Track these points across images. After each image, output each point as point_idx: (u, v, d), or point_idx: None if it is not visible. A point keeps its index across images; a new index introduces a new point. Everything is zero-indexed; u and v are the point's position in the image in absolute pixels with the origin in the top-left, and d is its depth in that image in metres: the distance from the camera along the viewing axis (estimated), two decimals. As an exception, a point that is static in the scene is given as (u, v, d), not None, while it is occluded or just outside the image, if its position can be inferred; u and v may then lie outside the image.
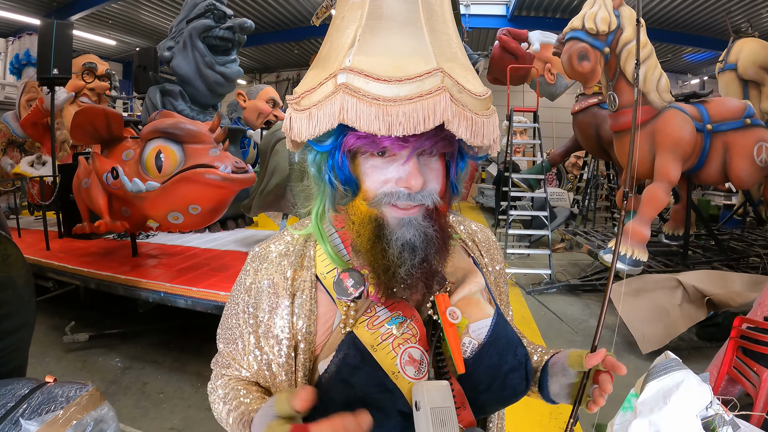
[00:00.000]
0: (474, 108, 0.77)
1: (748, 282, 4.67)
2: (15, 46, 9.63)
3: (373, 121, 0.72)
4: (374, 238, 0.82)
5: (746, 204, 8.34)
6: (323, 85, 0.77)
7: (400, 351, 0.84)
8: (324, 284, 0.91)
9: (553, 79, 8.52)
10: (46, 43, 5.69)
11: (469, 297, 0.93)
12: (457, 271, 0.97)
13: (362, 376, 0.81)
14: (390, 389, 0.81)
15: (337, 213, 0.90)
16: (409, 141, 0.77)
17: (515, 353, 0.90)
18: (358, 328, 0.86)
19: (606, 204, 11.05)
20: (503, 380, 0.87)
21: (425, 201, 0.80)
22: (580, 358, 0.94)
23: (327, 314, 0.90)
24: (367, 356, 0.83)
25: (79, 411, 1.58)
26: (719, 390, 3.02)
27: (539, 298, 6.46)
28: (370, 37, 0.77)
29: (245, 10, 14.41)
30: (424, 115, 0.72)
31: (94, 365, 4.34)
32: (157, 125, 4.00)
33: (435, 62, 0.75)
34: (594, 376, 0.94)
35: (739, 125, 5.31)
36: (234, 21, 6.10)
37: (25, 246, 5.45)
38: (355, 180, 0.82)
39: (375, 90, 0.73)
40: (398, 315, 0.88)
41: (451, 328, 0.85)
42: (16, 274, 1.88)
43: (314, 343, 0.88)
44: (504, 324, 0.92)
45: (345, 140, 0.80)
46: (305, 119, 0.78)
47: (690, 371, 1.18)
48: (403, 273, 0.80)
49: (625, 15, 4.99)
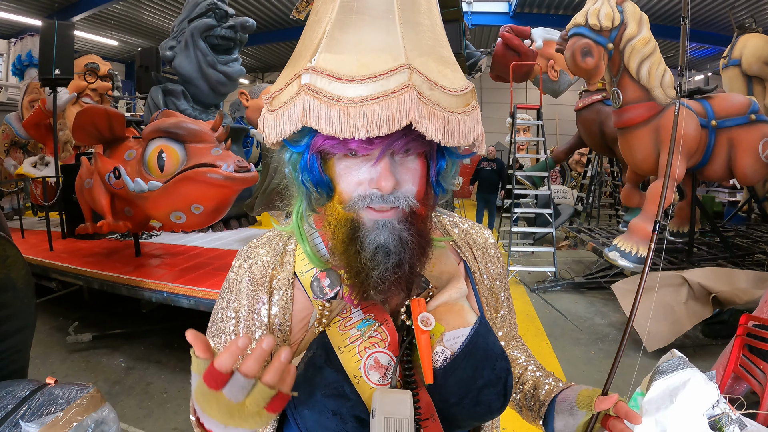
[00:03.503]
0: (448, 106, 0.74)
1: (754, 279, 4.65)
2: (17, 48, 9.62)
3: (335, 123, 0.69)
4: (348, 240, 0.79)
5: (751, 200, 8.31)
6: (289, 85, 0.75)
7: (365, 355, 0.82)
8: (302, 283, 0.90)
9: (557, 76, 8.49)
10: (47, 44, 5.69)
11: (450, 303, 0.89)
12: (442, 275, 0.93)
13: (324, 376, 0.79)
14: (346, 393, 0.79)
15: (317, 213, 0.88)
16: (375, 142, 0.74)
17: (493, 367, 0.85)
18: (331, 329, 0.85)
19: (610, 201, 11.01)
20: (476, 395, 0.82)
21: (399, 203, 0.77)
22: (590, 399, 0.87)
23: (303, 312, 0.89)
24: (332, 357, 0.81)
25: (80, 413, 1.57)
26: (725, 388, 3.00)
27: (543, 296, 6.45)
28: (338, 33, 0.75)
29: (247, 9, 14.39)
30: (388, 115, 0.68)
31: (98, 365, 4.34)
32: (159, 125, 4.00)
33: (404, 58, 0.72)
34: (603, 419, 0.87)
35: (744, 121, 5.28)
36: (236, 20, 6.10)
37: (28, 247, 5.47)
38: (328, 181, 0.80)
39: (337, 91, 0.70)
40: (369, 318, 0.86)
41: (423, 335, 0.82)
42: (16, 275, 1.87)
43: (289, 341, 0.87)
44: (485, 334, 0.87)
45: (314, 141, 0.78)
46: (273, 120, 0.76)
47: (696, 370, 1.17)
48: (376, 276, 0.78)
49: (628, 11, 4.97)
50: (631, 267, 5.20)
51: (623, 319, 5.21)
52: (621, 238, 5.38)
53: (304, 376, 0.80)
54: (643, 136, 5.24)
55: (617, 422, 0.84)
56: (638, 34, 4.96)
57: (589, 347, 4.80)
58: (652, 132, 5.18)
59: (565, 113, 15.57)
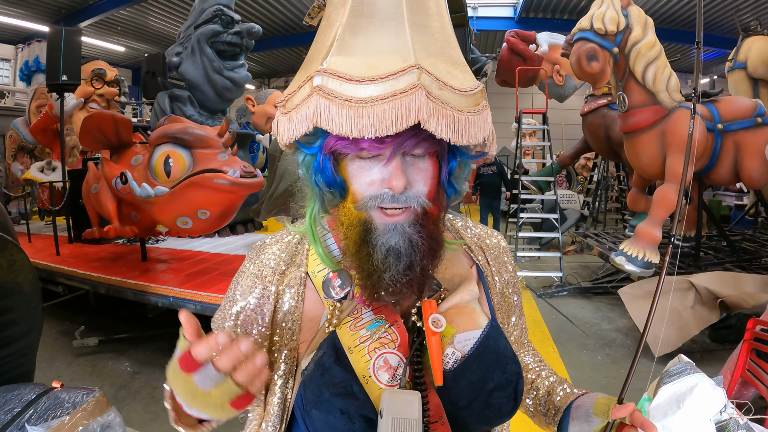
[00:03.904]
0: (457, 105, 0.75)
1: (761, 283, 4.61)
2: (24, 53, 9.68)
3: (345, 123, 0.71)
4: (360, 242, 0.80)
5: (758, 204, 8.26)
6: (302, 88, 0.77)
7: (374, 355, 0.83)
8: (314, 283, 0.91)
9: (562, 81, 8.47)
10: (55, 50, 5.74)
11: (462, 306, 0.89)
12: (454, 278, 0.94)
13: (332, 376, 0.80)
14: (355, 393, 0.79)
15: (330, 215, 0.89)
16: (386, 142, 0.75)
17: (504, 370, 0.84)
18: (341, 329, 0.85)
19: (616, 206, 10.98)
20: (486, 398, 0.82)
21: (410, 203, 0.78)
22: (606, 407, 0.87)
23: (313, 312, 0.89)
24: (342, 357, 0.82)
25: (86, 417, 1.58)
26: (733, 393, 2.97)
27: (550, 301, 6.42)
28: (349, 36, 0.76)
29: (253, 15, 14.45)
30: (397, 114, 0.70)
31: (104, 370, 4.35)
32: (166, 130, 4.02)
33: (413, 58, 0.73)
34: (618, 428, 0.87)
35: (750, 124, 5.24)
36: (242, 26, 6.13)
37: (35, 251, 5.50)
38: (341, 182, 0.81)
39: (348, 92, 0.72)
40: (380, 318, 0.86)
41: (433, 337, 0.82)
42: (22, 279, 1.88)
43: (298, 340, 0.88)
44: (496, 337, 0.87)
45: (326, 142, 0.79)
46: (286, 122, 0.78)
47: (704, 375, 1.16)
48: (388, 278, 0.79)
49: (633, 14, 4.95)
50: (637, 272, 5.17)
51: (630, 324, 5.18)
52: (627, 242, 5.35)
53: (313, 376, 0.81)
54: (649, 140, 5.21)
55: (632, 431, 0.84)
56: (643, 38, 4.94)
57: (596, 353, 4.78)
58: (658, 136, 5.16)
59: (571, 118, 15.51)
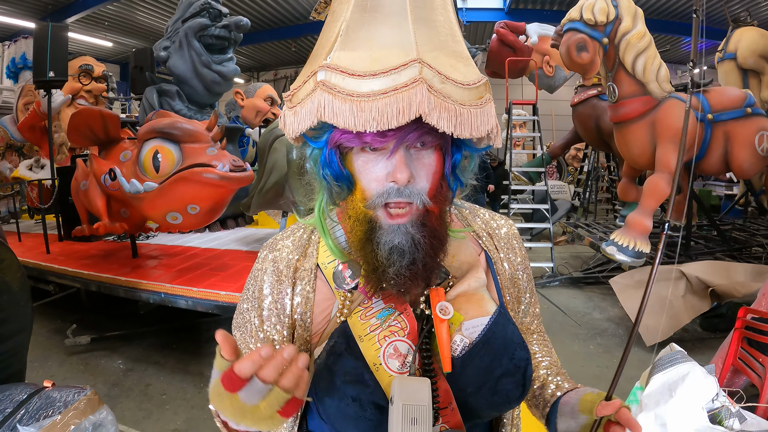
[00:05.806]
0: (460, 98, 0.76)
1: (752, 272, 4.65)
2: (11, 50, 9.53)
3: (348, 117, 0.72)
4: (365, 239, 0.82)
5: (747, 194, 8.32)
6: (306, 83, 0.79)
7: (384, 343, 0.85)
8: (324, 274, 0.93)
9: (552, 72, 8.48)
10: (41, 46, 5.66)
11: (470, 293, 0.90)
12: (462, 265, 0.95)
13: (343, 364, 0.82)
14: (365, 380, 0.81)
15: (338, 206, 0.91)
16: (388, 135, 0.76)
17: (512, 356, 0.85)
18: (352, 318, 0.87)
19: (607, 196, 11.03)
20: (494, 384, 0.83)
21: (414, 199, 0.80)
22: (591, 404, 0.86)
23: (325, 302, 0.91)
24: (353, 345, 0.84)
25: (78, 415, 1.57)
26: (724, 381, 3.00)
27: (542, 291, 6.45)
28: (352, 31, 0.78)
29: (241, 8, 14.32)
30: (399, 108, 0.71)
31: (97, 368, 4.33)
32: (154, 125, 3.98)
33: (415, 52, 0.74)
34: (606, 425, 0.84)
35: (740, 114, 5.27)
36: (230, 19, 6.08)
37: (25, 249, 5.45)
38: (348, 175, 0.82)
39: (351, 86, 0.73)
40: (390, 307, 0.88)
41: (441, 324, 0.84)
42: (11, 278, 1.86)
43: (310, 330, 0.90)
44: (504, 324, 0.88)
45: (332, 136, 0.81)
46: (292, 116, 0.80)
47: (695, 363, 1.17)
48: (392, 273, 0.81)
49: (623, 5, 4.96)
50: (628, 261, 5.19)
51: (621, 314, 5.21)
52: (618, 232, 5.37)
53: (325, 364, 0.83)
54: (639, 130, 5.23)
55: (618, 429, 0.82)
56: (633, 28, 4.95)
57: (588, 342, 4.81)
58: (648, 126, 5.17)
59: (561, 108, 15.54)
